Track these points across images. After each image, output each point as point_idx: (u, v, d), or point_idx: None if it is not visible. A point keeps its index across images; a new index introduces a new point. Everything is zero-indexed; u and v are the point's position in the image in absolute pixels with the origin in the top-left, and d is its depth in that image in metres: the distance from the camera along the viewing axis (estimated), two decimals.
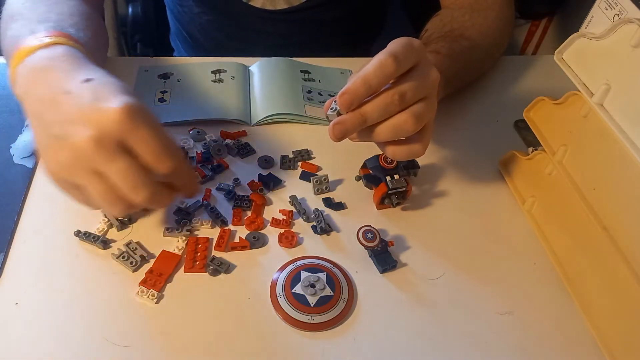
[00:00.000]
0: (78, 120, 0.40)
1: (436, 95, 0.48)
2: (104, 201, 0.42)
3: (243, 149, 0.60)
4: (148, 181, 0.41)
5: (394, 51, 0.44)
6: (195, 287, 0.47)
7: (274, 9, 0.80)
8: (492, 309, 0.48)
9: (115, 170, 0.40)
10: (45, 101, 0.43)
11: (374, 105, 0.44)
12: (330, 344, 0.45)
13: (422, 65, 0.46)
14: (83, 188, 0.42)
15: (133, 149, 0.41)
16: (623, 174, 0.44)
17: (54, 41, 0.47)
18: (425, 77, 0.46)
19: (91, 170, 0.41)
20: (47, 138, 0.42)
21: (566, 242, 0.51)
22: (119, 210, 0.43)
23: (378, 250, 0.50)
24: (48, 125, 0.42)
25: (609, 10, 0.45)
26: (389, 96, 0.44)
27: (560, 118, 0.51)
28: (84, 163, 0.40)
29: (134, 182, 0.41)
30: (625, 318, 0.44)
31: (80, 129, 0.40)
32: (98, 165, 0.40)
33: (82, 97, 0.41)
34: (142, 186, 0.41)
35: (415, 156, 0.49)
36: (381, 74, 0.43)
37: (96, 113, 0.40)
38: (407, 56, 0.45)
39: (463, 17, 0.67)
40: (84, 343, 0.43)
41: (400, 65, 0.44)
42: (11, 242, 0.49)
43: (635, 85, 0.42)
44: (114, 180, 0.41)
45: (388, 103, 0.44)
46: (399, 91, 0.44)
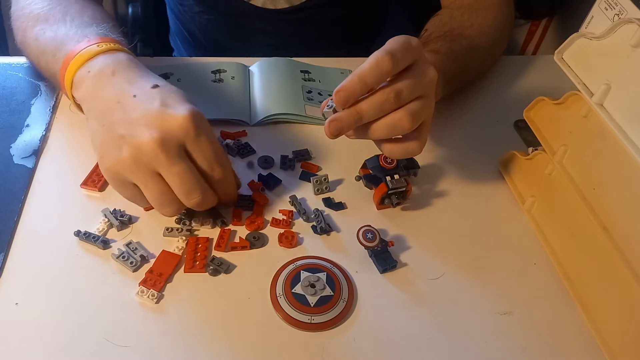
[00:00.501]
0: (145, 122, 0.43)
1: (433, 94, 0.48)
2: (157, 202, 0.45)
3: (243, 149, 0.60)
4: (201, 186, 0.45)
5: (391, 49, 0.44)
6: (195, 287, 0.47)
7: (275, 8, 0.80)
8: (492, 309, 0.48)
9: (175, 172, 0.43)
10: (112, 102, 0.45)
11: (369, 102, 0.45)
12: (330, 344, 0.45)
13: (420, 64, 0.46)
14: (139, 184, 0.44)
15: (192, 154, 0.44)
16: (623, 174, 0.44)
17: (112, 47, 0.50)
18: (422, 75, 0.46)
19: (151, 171, 0.43)
20: (111, 136, 0.44)
21: (566, 242, 0.51)
22: (169, 212, 0.46)
23: (378, 250, 0.50)
24: (114, 125, 0.44)
25: (609, 10, 0.45)
26: (385, 94, 0.45)
27: (560, 118, 0.51)
28: (146, 163, 0.43)
29: (190, 185, 0.44)
30: (625, 318, 0.44)
31: (147, 130, 0.42)
32: (159, 167, 0.43)
33: (150, 101, 0.44)
34: (196, 190, 0.44)
35: (411, 154, 0.49)
36: (377, 71, 0.44)
37: (163, 116, 0.43)
38: (404, 54, 0.45)
39: (462, 16, 0.67)
40: (84, 343, 0.43)
41: (397, 64, 0.44)
42: (11, 242, 0.49)
43: (635, 85, 0.42)
44: (172, 182, 0.43)
45: (384, 101, 0.44)
46: (395, 89, 0.45)
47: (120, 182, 0.46)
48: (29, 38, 0.58)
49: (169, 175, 0.43)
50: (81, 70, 0.49)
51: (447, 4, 0.72)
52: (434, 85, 0.47)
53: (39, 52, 0.57)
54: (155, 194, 0.44)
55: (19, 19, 0.60)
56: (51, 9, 0.58)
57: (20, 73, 0.67)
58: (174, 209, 0.46)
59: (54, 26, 0.56)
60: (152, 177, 0.44)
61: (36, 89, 0.65)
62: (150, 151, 0.42)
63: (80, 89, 0.49)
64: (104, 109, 0.46)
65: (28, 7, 0.59)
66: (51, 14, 0.57)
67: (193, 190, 0.44)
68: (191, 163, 0.44)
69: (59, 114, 0.62)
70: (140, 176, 0.44)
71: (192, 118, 0.43)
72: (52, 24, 0.56)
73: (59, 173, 0.56)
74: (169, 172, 0.43)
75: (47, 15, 0.57)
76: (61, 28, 0.55)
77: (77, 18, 0.56)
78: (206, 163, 0.45)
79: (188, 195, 0.44)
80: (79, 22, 0.55)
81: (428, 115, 0.48)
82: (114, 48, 0.50)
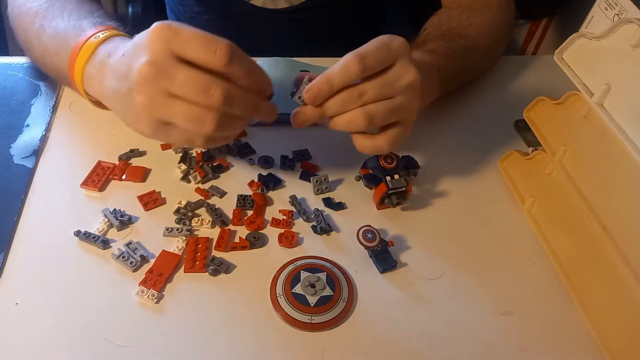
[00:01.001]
0: (132, 62, 0.43)
1: (411, 96, 0.49)
2: (191, 121, 0.43)
3: (243, 149, 0.60)
4: (215, 80, 0.42)
5: (363, 53, 0.46)
6: (195, 287, 0.47)
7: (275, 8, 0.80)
8: (492, 308, 0.48)
9: (181, 80, 0.41)
10: (114, 79, 0.46)
11: (333, 100, 0.47)
12: (330, 344, 0.45)
13: (399, 66, 0.48)
14: (170, 120, 0.43)
15: (186, 54, 0.42)
16: (623, 174, 0.44)
17: (108, 35, 0.50)
18: (396, 78, 0.48)
19: (164, 94, 0.42)
20: (124, 99, 0.45)
21: (566, 242, 0.51)
22: (211, 126, 0.43)
23: (378, 250, 0.50)
24: (123, 95, 0.44)
25: (609, 10, 0.45)
26: (348, 93, 0.47)
27: (560, 118, 0.51)
28: (153, 91, 0.42)
29: (203, 83, 0.42)
30: (625, 318, 0.44)
31: (136, 65, 0.42)
32: (165, 85, 0.42)
33: (132, 48, 0.44)
34: (211, 85, 0.42)
35: (380, 152, 0.51)
36: (344, 75, 0.46)
37: (141, 46, 0.43)
38: (378, 58, 0.46)
39: (461, 16, 0.67)
40: (84, 343, 0.43)
41: (366, 67, 0.46)
42: (11, 242, 0.49)
43: (635, 85, 0.42)
44: (185, 91, 0.42)
45: (346, 100, 0.47)
46: (359, 90, 0.47)
47: (160, 130, 0.44)
48: (31, 37, 0.58)
49: (178, 87, 0.42)
50: (87, 67, 0.50)
51: (446, 3, 0.72)
52: (412, 87, 0.48)
53: (43, 51, 0.57)
54: (184, 113, 0.42)
55: (18, 17, 0.60)
56: (49, 6, 0.58)
57: (20, 73, 0.67)
58: (210, 119, 0.43)
59: (52, 22, 0.56)
60: (171, 100, 0.42)
61: (36, 89, 0.65)
62: (147, 76, 0.41)
63: (92, 86, 0.50)
64: (114, 88, 0.46)
65: (25, 4, 0.59)
66: (49, 10, 0.57)
67: (210, 86, 0.42)
68: (193, 67, 0.42)
69: (59, 114, 0.62)
70: (161, 106, 0.43)
71: (161, 24, 0.42)
72: (51, 20, 0.56)
73: (59, 173, 0.56)
74: (176, 84, 0.42)
75: (45, 12, 0.57)
76: (60, 24, 0.55)
77: (74, 12, 0.56)
78: (201, 51, 0.41)
79: (208, 94, 0.42)
80: (77, 15, 0.56)
81: (402, 116, 0.49)
82: (110, 35, 0.51)
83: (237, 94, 0.43)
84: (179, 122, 0.43)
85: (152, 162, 0.58)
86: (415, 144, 0.62)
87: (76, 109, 0.63)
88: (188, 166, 0.57)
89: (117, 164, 0.57)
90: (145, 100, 0.43)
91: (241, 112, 0.44)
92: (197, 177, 0.56)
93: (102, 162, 0.57)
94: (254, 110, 0.46)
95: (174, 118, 0.43)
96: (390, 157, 0.54)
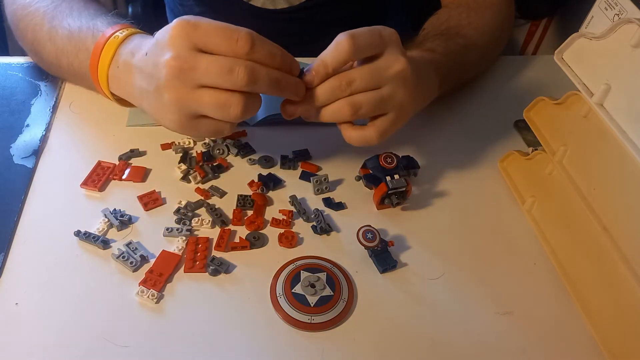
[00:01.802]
0: (158, 60, 0.44)
1: (400, 86, 0.48)
2: (219, 107, 0.43)
3: (243, 149, 0.60)
4: (238, 61, 0.43)
5: (354, 33, 0.46)
6: (195, 287, 0.47)
7: (275, 9, 0.80)
8: (492, 309, 0.48)
9: (204, 68, 0.42)
10: (141, 78, 0.46)
11: (322, 87, 0.47)
12: (330, 344, 0.45)
13: (388, 55, 0.48)
14: (200, 111, 0.44)
15: (208, 46, 0.43)
16: (623, 174, 0.44)
17: (127, 33, 0.51)
18: (385, 67, 0.47)
19: (191, 87, 0.43)
20: (154, 99, 0.45)
21: (566, 242, 0.51)
22: (239, 108, 0.44)
23: (378, 250, 0.50)
24: (151, 93, 0.45)
25: (609, 10, 0.45)
26: (337, 80, 0.47)
27: (560, 118, 0.51)
28: (181, 84, 0.43)
29: (226, 66, 0.42)
30: (625, 318, 0.44)
31: (161, 63, 0.43)
32: (191, 77, 0.42)
33: (155, 46, 0.45)
34: (236, 65, 0.42)
35: (368, 143, 0.50)
36: (335, 53, 0.46)
37: (163, 44, 0.44)
38: (369, 40, 0.46)
39: (460, 15, 0.67)
40: (84, 343, 0.43)
41: (356, 47, 0.46)
42: (11, 242, 0.49)
43: (635, 85, 0.42)
44: (211, 76, 0.42)
45: (335, 87, 0.47)
46: (347, 77, 0.47)
47: (190, 123, 0.45)
48: (41, 39, 0.58)
49: (203, 75, 0.43)
50: (112, 69, 0.50)
51: (446, 3, 0.72)
52: (400, 77, 0.48)
53: (57, 53, 0.57)
54: (214, 99, 0.43)
55: (25, 19, 0.60)
56: (57, 6, 0.58)
57: (20, 73, 0.67)
58: (241, 104, 0.44)
59: (64, 22, 0.56)
60: (197, 91, 0.43)
61: (36, 89, 0.65)
62: (173, 72, 0.42)
63: (119, 87, 0.51)
64: (142, 87, 0.47)
65: (31, 5, 0.59)
66: (58, 10, 0.58)
67: (232, 68, 0.42)
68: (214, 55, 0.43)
69: (59, 114, 0.62)
70: (189, 101, 0.43)
71: (181, 20, 0.44)
72: (62, 20, 0.57)
73: (59, 173, 0.56)
74: (200, 72, 0.42)
75: (53, 12, 0.58)
76: (72, 24, 0.56)
77: (83, 12, 0.57)
78: (224, 42, 0.43)
79: (234, 75, 0.42)
80: (87, 15, 0.56)
81: (390, 107, 0.49)
82: (128, 34, 0.51)
83: (261, 70, 0.44)
84: (208, 111, 0.44)
85: (152, 162, 0.58)
86: (415, 144, 0.62)
87: (76, 109, 0.63)
88: (188, 166, 0.57)
89: (117, 164, 0.57)
90: (173, 97, 0.43)
91: (267, 88, 0.45)
92: (197, 177, 0.56)
93: (102, 162, 0.57)
94: (279, 86, 0.45)
95: (203, 108, 0.44)
96: (390, 157, 0.54)
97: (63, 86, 0.65)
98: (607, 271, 0.45)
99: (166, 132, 0.61)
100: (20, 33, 0.62)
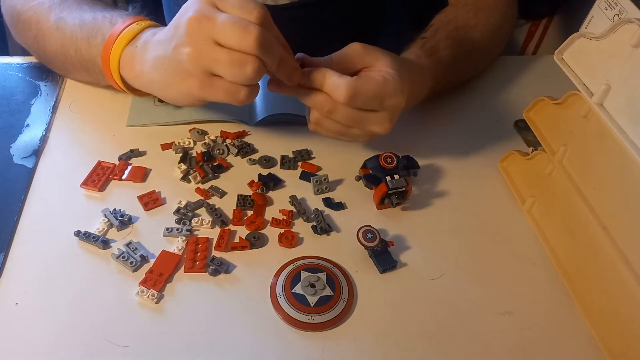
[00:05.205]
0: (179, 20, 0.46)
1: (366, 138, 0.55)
2: (234, 61, 0.44)
3: (243, 149, 0.60)
4: (252, 24, 0.44)
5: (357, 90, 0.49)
6: (195, 287, 0.47)
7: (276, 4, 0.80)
8: (492, 309, 0.48)
9: (222, 22, 0.44)
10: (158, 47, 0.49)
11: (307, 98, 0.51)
12: (330, 344, 0.45)
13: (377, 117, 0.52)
14: (215, 68, 0.45)
15: (225, 9, 0.45)
16: (623, 174, 0.44)
17: (149, 24, 0.54)
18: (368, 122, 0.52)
19: (209, 41, 0.44)
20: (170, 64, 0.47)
21: (566, 242, 0.51)
22: (252, 67, 0.45)
23: (378, 250, 0.50)
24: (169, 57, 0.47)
25: (609, 10, 0.45)
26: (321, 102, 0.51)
27: (560, 118, 0.51)
28: (200, 37, 0.44)
29: (241, 24, 0.44)
30: (625, 318, 0.44)
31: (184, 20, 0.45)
32: (209, 30, 0.44)
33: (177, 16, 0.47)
34: (250, 26, 0.44)
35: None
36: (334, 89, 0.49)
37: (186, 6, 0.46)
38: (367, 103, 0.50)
39: (467, 14, 0.67)
40: (84, 343, 0.43)
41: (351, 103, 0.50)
42: (11, 242, 0.49)
43: (635, 85, 0.42)
44: (226, 31, 0.44)
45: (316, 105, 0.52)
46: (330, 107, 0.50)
47: (206, 83, 0.46)
48: (47, 29, 0.58)
49: (219, 29, 0.44)
50: (128, 48, 0.52)
51: (453, 1, 0.72)
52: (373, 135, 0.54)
53: (64, 41, 0.57)
54: (229, 57, 0.44)
55: (26, 12, 0.60)
56: (62, 1, 0.59)
57: (20, 73, 0.67)
58: (255, 63, 0.45)
59: (73, 14, 0.57)
60: (214, 47, 0.44)
61: (36, 89, 0.65)
62: (194, 24, 0.44)
63: (131, 66, 0.52)
64: (159, 55, 0.48)
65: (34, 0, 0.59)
66: (65, 5, 0.58)
67: (247, 27, 0.44)
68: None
69: (59, 114, 0.62)
70: (206, 55, 0.45)
71: None
72: (70, 12, 0.57)
73: (59, 173, 0.56)
74: (217, 26, 0.44)
75: (60, 6, 0.58)
76: (84, 15, 0.56)
77: (93, 7, 0.58)
78: (239, 9, 0.45)
79: (248, 32, 0.44)
80: (99, 9, 0.57)
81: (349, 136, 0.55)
82: (149, 24, 0.53)
83: (272, 40, 0.46)
84: (224, 70, 0.45)
85: (152, 162, 0.58)
86: (415, 144, 0.62)
87: (76, 109, 0.63)
88: (188, 166, 0.57)
89: (117, 164, 0.57)
90: (192, 51, 0.45)
91: (273, 60, 0.46)
92: (197, 177, 0.56)
93: (102, 162, 0.57)
94: (282, 63, 0.47)
95: (219, 65, 0.45)
96: (390, 157, 0.54)
97: (63, 86, 0.65)
98: (607, 271, 0.45)
99: (166, 132, 0.61)
100: (21, 26, 0.62)
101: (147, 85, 0.51)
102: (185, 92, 0.48)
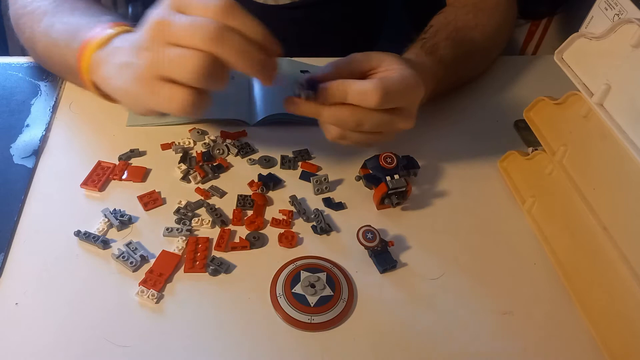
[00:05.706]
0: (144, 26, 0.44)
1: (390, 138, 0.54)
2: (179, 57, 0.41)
3: (243, 149, 0.60)
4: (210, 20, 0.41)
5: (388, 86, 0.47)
6: (195, 287, 0.47)
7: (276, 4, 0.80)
8: (492, 309, 0.48)
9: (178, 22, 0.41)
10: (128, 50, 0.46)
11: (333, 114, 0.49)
12: (330, 344, 0.45)
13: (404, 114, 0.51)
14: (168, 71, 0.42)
15: (187, 9, 0.42)
16: (623, 174, 0.44)
17: (126, 29, 0.51)
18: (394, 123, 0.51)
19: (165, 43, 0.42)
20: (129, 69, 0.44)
21: (566, 242, 0.51)
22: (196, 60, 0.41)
23: (378, 250, 0.50)
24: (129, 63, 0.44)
25: (609, 10, 0.45)
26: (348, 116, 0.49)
27: (560, 118, 0.51)
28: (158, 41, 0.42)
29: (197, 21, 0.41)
30: (625, 318, 0.44)
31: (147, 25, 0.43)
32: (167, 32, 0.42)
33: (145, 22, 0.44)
34: (206, 21, 0.41)
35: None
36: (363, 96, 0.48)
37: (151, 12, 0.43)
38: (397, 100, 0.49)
39: (467, 15, 0.67)
40: (83, 343, 0.43)
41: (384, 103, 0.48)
42: (11, 242, 0.49)
43: (635, 85, 0.42)
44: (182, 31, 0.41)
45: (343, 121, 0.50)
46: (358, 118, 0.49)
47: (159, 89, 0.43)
48: (37, 33, 0.58)
49: (176, 31, 0.41)
50: (97, 53, 0.49)
51: (451, 1, 0.71)
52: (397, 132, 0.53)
53: (50, 45, 0.57)
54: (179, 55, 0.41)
55: (24, 16, 0.60)
56: (58, 5, 0.58)
57: (20, 73, 0.67)
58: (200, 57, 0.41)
59: (63, 19, 0.57)
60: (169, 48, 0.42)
61: (36, 89, 0.65)
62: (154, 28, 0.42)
63: (98, 70, 0.49)
64: (122, 61, 0.46)
65: (32, 4, 0.59)
66: (59, 9, 0.58)
67: (203, 23, 0.41)
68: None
69: (59, 114, 0.62)
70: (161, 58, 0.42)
71: None
72: (61, 17, 0.57)
73: (59, 173, 0.56)
74: (174, 27, 0.41)
75: (54, 11, 0.58)
76: (72, 20, 0.56)
77: (86, 11, 0.57)
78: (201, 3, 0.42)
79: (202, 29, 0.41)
80: (90, 13, 0.56)
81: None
82: (126, 30, 0.51)
83: (231, 34, 0.42)
84: (168, 66, 0.42)
85: (152, 162, 0.58)
86: (415, 144, 0.62)
87: (76, 109, 0.63)
88: (188, 166, 0.57)
89: (117, 164, 0.57)
90: (149, 54, 0.42)
91: (233, 56, 0.42)
92: (197, 177, 0.56)
93: (102, 162, 0.57)
94: (248, 58, 0.42)
95: (170, 65, 0.42)
96: (390, 157, 0.54)
97: (63, 86, 0.65)
98: (607, 271, 0.45)
99: (166, 132, 0.61)
100: (19, 30, 0.62)
101: (113, 91, 0.48)
102: (135, 98, 0.45)
